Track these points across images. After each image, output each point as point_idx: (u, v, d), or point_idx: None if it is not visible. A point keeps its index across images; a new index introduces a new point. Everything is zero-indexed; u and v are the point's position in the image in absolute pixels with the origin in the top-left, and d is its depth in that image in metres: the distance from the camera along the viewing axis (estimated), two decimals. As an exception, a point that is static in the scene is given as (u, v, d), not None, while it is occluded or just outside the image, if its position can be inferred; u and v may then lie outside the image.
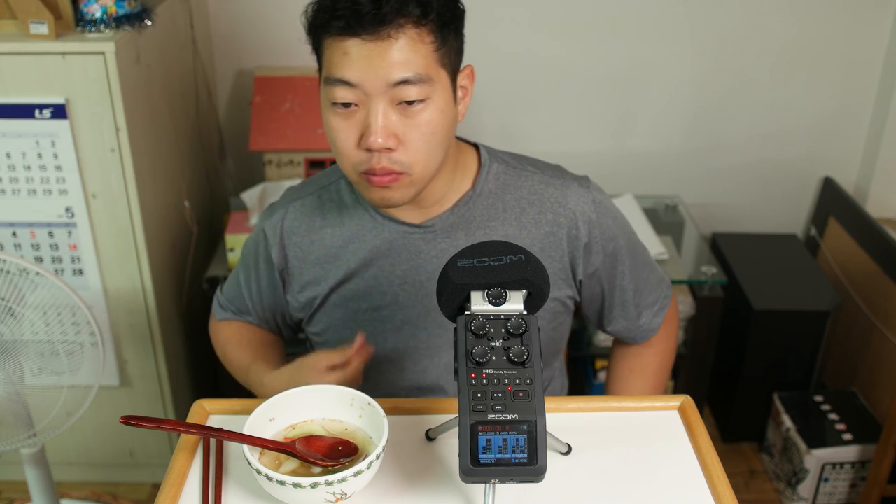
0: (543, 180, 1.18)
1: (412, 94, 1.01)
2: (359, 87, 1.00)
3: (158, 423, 0.90)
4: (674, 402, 1.05)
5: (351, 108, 1.03)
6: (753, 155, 2.52)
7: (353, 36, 0.99)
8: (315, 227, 1.20)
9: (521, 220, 1.17)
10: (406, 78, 1.00)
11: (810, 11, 2.32)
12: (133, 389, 2.05)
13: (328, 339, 1.25)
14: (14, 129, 1.73)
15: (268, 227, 1.22)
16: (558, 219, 1.17)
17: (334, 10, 0.99)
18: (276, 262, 1.22)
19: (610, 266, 1.22)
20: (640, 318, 1.29)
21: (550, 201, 1.17)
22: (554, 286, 1.19)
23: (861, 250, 2.31)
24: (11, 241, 1.85)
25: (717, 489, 0.91)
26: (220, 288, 1.39)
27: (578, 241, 1.17)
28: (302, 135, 2.18)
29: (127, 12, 1.74)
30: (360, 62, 0.99)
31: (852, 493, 2.16)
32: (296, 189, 1.25)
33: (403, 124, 1.02)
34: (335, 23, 0.99)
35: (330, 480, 0.81)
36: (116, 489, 2.19)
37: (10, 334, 1.50)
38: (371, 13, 0.97)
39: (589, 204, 1.18)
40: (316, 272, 1.21)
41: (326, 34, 1.01)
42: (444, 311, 0.85)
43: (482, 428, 0.76)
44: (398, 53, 0.99)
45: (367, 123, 1.02)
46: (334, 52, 1.01)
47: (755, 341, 2.27)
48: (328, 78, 1.02)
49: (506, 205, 1.17)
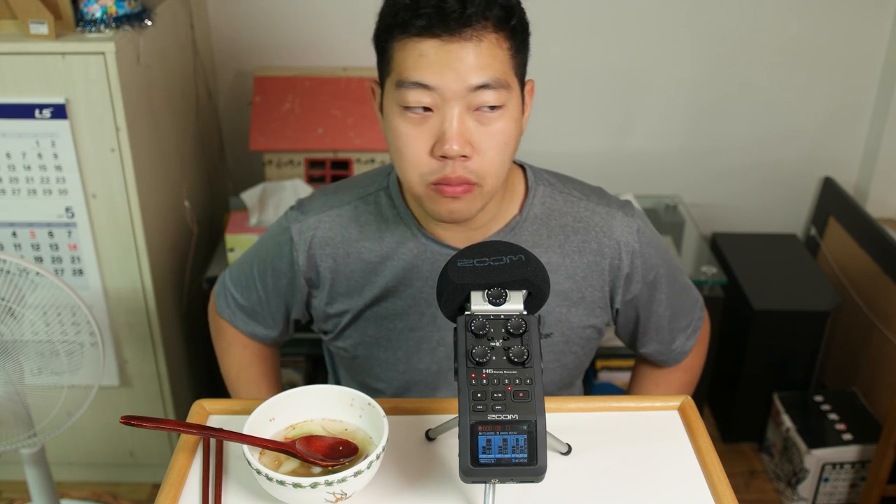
0: (589, 207, 1.16)
1: (490, 100, 0.97)
2: (435, 91, 0.96)
3: (158, 423, 0.90)
4: (674, 402, 1.05)
5: (424, 114, 0.98)
6: (753, 155, 2.52)
7: (433, 37, 0.95)
8: (351, 239, 1.15)
9: (565, 248, 1.15)
10: (486, 82, 0.96)
11: (810, 11, 2.32)
12: (133, 389, 2.05)
13: (359, 355, 1.21)
14: (14, 129, 1.73)
15: (295, 231, 1.17)
16: (602, 248, 1.15)
17: (416, 9, 0.95)
18: (301, 268, 1.17)
19: (648, 294, 1.21)
20: (673, 342, 1.29)
21: (595, 230, 1.15)
22: (591, 313, 1.18)
23: (861, 250, 2.31)
24: (11, 241, 1.85)
25: (717, 489, 0.91)
26: (226, 276, 1.31)
27: (620, 271, 1.16)
28: (302, 135, 2.18)
29: (127, 12, 1.74)
30: (438, 64, 0.95)
31: (852, 493, 2.16)
32: (330, 195, 1.19)
33: (479, 132, 0.98)
34: (416, 22, 0.95)
35: (330, 480, 0.81)
36: (116, 489, 2.19)
37: (10, 334, 1.50)
38: (457, 13, 0.94)
39: (633, 234, 1.16)
40: (349, 285, 1.16)
41: (403, 34, 0.97)
42: (444, 311, 0.85)
43: (482, 428, 0.76)
44: (478, 57, 0.95)
45: (441, 130, 0.97)
46: (409, 54, 0.97)
47: (755, 341, 2.27)
48: (402, 81, 0.97)
49: (550, 231, 1.15)
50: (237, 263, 1.30)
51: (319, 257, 1.16)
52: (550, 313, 1.16)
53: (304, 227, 1.16)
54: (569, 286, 1.16)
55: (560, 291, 1.15)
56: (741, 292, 2.29)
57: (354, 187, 1.18)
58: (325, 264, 1.16)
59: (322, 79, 2.24)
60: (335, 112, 2.20)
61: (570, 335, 1.18)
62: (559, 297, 1.16)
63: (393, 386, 1.21)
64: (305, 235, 1.16)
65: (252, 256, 1.26)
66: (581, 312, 1.17)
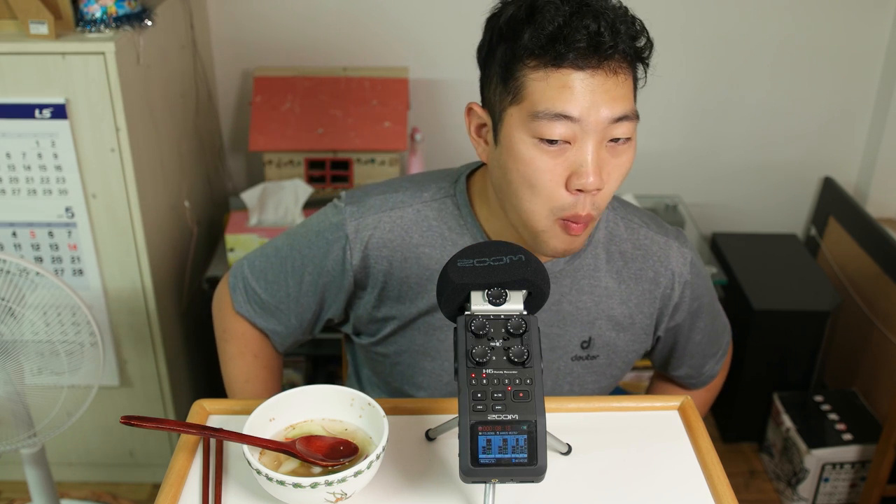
0: (648, 236, 1.16)
1: (625, 132, 0.96)
2: (578, 123, 0.93)
3: (158, 423, 0.90)
4: (674, 402, 1.05)
5: (561, 146, 0.95)
6: (753, 155, 2.52)
7: (579, 69, 0.92)
8: (411, 244, 1.11)
9: (622, 274, 1.15)
10: (625, 114, 0.95)
11: (810, 11, 2.32)
12: (133, 389, 2.05)
13: (401, 362, 1.18)
14: (14, 129, 1.73)
15: (351, 229, 1.12)
16: (658, 277, 1.16)
17: (569, 41, 0.91)
18: (354, 267, 1.12)
19: (690, 323, 1.22)
20: (704, 366, 1.30)
21: (653, 259, 1.15)
22: (637, 339, 1.19)
23: (861, 250, 2.31)
24: (11, 241, 1.85)
25: (717, 489, 0.91)
26: (245, 270, 1.23)
27: (671, 300, 1.17)
28: (302, 135, 2.18)
29: (127, 12, 1.74)
30: (584, 96, 0.93)
31: (852, 493, 2.16)
32: (389, 193, 1.14)
33: (609, 163, 0.97)
34: (566, 54, 0.92)
35: (330, 480, 0.81)
36: (116, 489, 2.19)
37: (10, 334, 1.50)
38: (609, 46, 0.92)
39: (687, 265, 1.17)
40: (401, 291, 1.12)
41: (544, 64, 0.93)
42: (444, 311, 0.85)
43: (482, 428, 0.76)
44: (619, 88, 0.94)
45: (579, 162, 0.95)
46: (551, 85, 0.93)
47: (755, 341, 2.27)
48: (541, 112, 0.94)
49: (610, 255, 1.14)
50: (261, 256, 1.22)
51: (374, 258, 1.12)
52: (600, 336, 1.17)
53: (362, 226, 1.11)
54: (621, 312, 1.16)
55: (612, 316, 1.16)
56: (741, 292, 2.29)
57: (417, 191, 1.13)
58: (378, 266, 1.12)
59: (322, 79, 2.24)
60: (335, 112, 2.20)
61: (614, 358, 1.19)
62: (610, 322, 1.16)
63: (434, 395, 1.19)
64: (363, 234, 1.11)
65: (286, 250, 1.19)
66: (628, 338, 1.18)
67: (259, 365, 1.25)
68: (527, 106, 0.95)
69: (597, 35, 0.92)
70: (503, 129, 0.99)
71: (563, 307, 1.14)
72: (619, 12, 0.95)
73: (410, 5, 2.30)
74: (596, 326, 1.16)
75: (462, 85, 2.36)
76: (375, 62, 2.34)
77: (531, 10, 0.94)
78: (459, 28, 2.25)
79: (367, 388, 1.32)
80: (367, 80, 2.24)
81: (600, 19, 0.92)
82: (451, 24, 2.31)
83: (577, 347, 1.16)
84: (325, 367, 2.44)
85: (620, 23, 0.94)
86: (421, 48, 2.34)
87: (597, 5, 0.94)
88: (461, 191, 1.12)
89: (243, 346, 1.25)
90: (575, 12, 0.92)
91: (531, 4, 0.95)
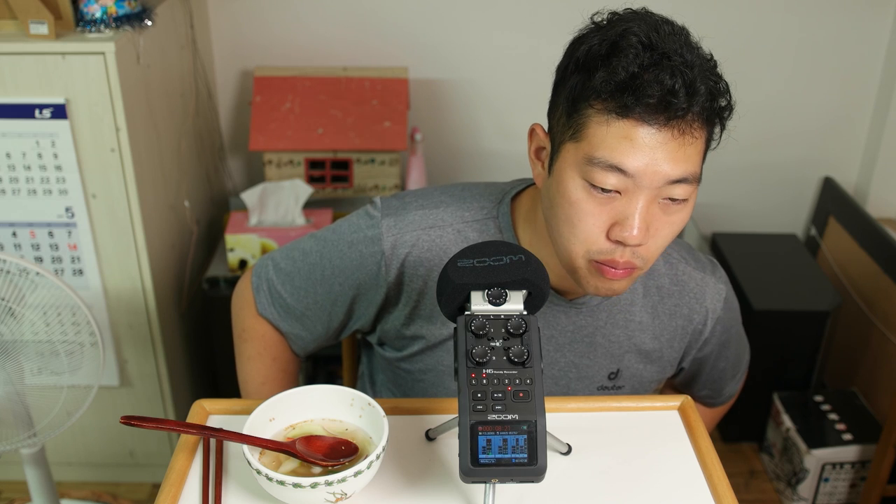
0: (686, 272, 1.14)
1: (682, 194, 0.91)
2: (632, 178, 0.90)
3: (158, 423, 0.90)
4: (674, 402, 1.05)
5: (610, 195, 0.91)
6: (753, 155, 2.52)
7: (645, 123, 0.88)
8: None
9: (657, 309, 1.14)
10: (684, 177, 0.90)
11: (810, 12, 2.32)
12: (133, 389, 2.05)
13: (425, 379, 1.15)
14: (14, 129, 1.73)
15: (388, 245, 1.08)
16: (692, 314, 1.15)
17: (639, 94, 0.87)
18: (388, 283, 1.09)
19: (717, 353, 1.22)
20: (724, 388, 1.31)
21: (689, 296, 1.14)
22: (662, 370, 1.19)
23: (861, 250, 2.31)
24: (11, 241, 1.85)
25: (717, 489, 0.91)
26: (270, 272, 1.18)
27: (701, 335, 1.17)
28: (302, 135, 2.18)
29: (127, 12, 1.74)
30: (644, 152, 0.88)
31: (852, 493, 2.16)
32: (429, 209, 1.10)
33: (658, 220, 0.93)
34: (634, 107, 0.87)
35: (330, 480, 0.81)
36: (116, 489, 2.19)
37: (10, 334, 1.50)
38: (682, 107, 0.87)
39: (721, 301, 1.16)
40: (434, 311, 1.09)
41: (609, 111, 0.89)
42: (444, 311, 0.85)
43: (482, 428, 0.76)
44: (685, 149, 0.89)
45: (625, 214, 0.91)
46: (611, 133, 0.89)
47: (755, 341, 2.24)
48: (597, 159, 0.90)
49: (646, 290, 1.13)
50: (287, 259, 1.18)
51: (409, 276, 1.08)
52: (628, 368, 1.16)
53: (400, 243, 1.08)
54: (652, 346, 1.16)
55: (643, 350, 1.16)
56: (741, 292, 2.29)
57: (459, 208, 1.10)
58: (413, 284, 1.09)
59: (322, 79, 2.24)
60: (335, 112, 2.20)
61: (638, 387, 1.20)
62: (640, 356, 1.16)
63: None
64: (400, 252, 1.08)
65: (314, 257, 1.15)
66: (655, 369, 1.19)
67: (277, 368, 1.23)
68: (584, 147, 0.92)
69: (670, 93, 0.87)
70: (558, 162, 0.96)
71: (597, 339, 1.13)
72: (704, 68, 0.90)
73: (410, 5, 2.30)
74: (625, 359, 1.16)
75: (462, 85, 2.36)
76: (375, 62, 2.34)
77: (612, 48, 0.90)
78: (459, 28, 2.25)
79: (381, 394, 1.30)
80: (366, 80, 2.24)
81: (678, 76, 0.87)
82: (450, 24, 2.30)
83: (604, 378, 1.17)
84: (326, 367, 2.44)
85: (701, 81, 0.89)
86: (421, 48, 2.34)
87: (678, 60, 0.88)
88: (504, 213, 1.09)
89: (262, 348, 1.22)
90: (653, 64, 0.88)
91: (614, 42, 0.90)
